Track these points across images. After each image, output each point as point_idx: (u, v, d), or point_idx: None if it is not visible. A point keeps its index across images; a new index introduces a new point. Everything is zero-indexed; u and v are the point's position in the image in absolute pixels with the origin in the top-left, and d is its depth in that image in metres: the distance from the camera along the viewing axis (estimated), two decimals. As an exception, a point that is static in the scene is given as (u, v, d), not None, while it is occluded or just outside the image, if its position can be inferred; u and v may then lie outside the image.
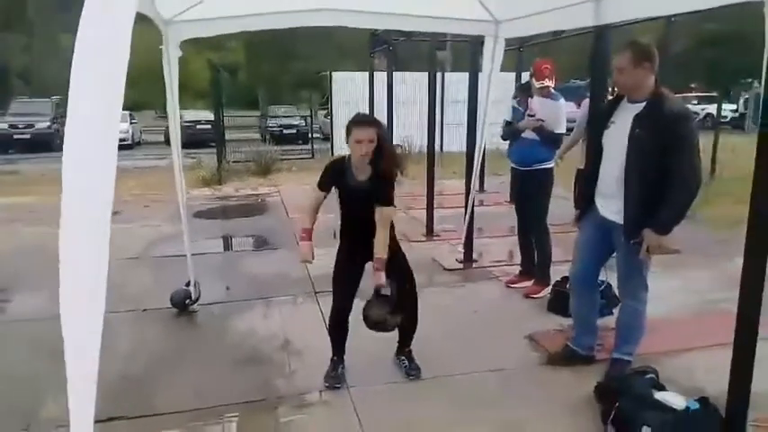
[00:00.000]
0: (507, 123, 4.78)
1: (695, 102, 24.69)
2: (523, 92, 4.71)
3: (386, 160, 3.03)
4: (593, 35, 3.66)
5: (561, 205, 4.96)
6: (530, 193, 4.72)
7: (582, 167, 5.13)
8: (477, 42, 5.12)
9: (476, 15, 4.51)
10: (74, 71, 1.63)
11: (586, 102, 5.12)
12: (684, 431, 2.53)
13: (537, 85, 4.52)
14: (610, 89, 4.31)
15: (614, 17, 3.41)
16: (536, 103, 4.53)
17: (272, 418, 2.97)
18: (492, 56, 4.84)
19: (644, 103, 2.95)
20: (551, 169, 4.66)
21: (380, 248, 3.00)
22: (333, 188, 3.15)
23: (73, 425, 1.67)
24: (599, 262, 3.39)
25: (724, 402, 2.64)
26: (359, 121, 3.02)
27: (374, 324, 3.03)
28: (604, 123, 3.19)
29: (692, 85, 28.57)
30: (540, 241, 4.75)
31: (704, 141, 10.66)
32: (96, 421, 1.69)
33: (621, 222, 3.04)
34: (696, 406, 2.62)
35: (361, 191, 3.04)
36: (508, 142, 4.84)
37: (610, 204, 3.13)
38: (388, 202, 3.04)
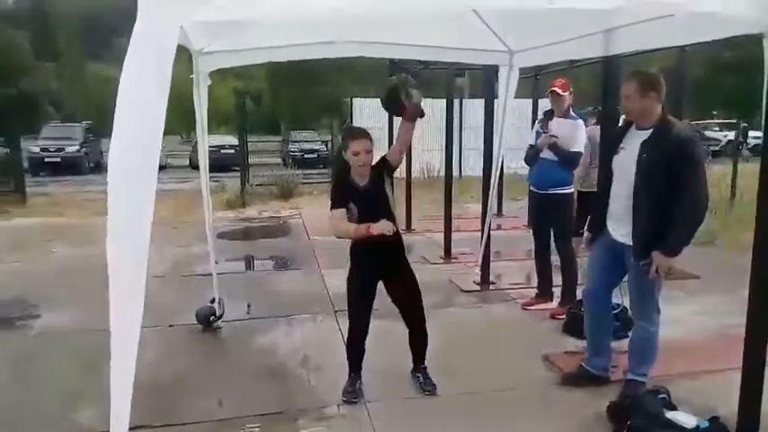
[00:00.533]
0: (531, 147, 4.93)
1: (716, 128, 24.55)
2: (547, 116, 4.85)
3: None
4: (603, 64, 3.80)
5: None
6: (548, 217, 4.82)
7: (580, 189, 5.28)
8: (492, 70, 5.29)
9: (491, 46, 4.68)
10: (119, 99, 1.81)
11: (590, 128, 5.27)
12: (694, 448, 2.59)
13: (549, 92, 4.68)
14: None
15: (622, 48, 3.55)
16: (554, 123, 4.68)
17: (292, 429, 3.08)
18: (507, 84, 5.00)
19: (651, 130, 3.07)
20: (570, 194, 4.75)
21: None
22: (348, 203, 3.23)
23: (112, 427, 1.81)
24: (611, 283, 3.47)
25: (735, 423, 2.70)
26: (354, 135, 3.22)
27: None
28: (614, 149, 3.31)
29: (714, 113, 28.45)
30: (565, 263, 4.82)
31: (725, 167, 10.69)
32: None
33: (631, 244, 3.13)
34: (706, 425, 2.68)
35: (368, 193, 3.21)
36: (529, 167, 4.96)
37: (620, 227, 3.23)
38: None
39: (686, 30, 2.99)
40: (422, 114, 3.27)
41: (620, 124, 3.70)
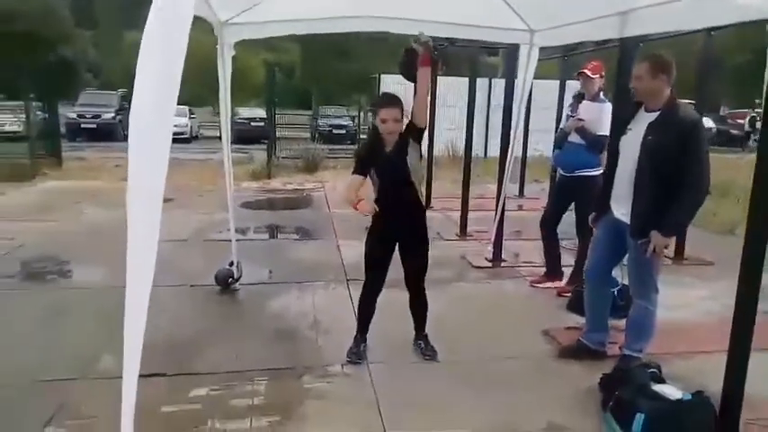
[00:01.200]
0: (560, 130, 4.97)
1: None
2: (577, 100, 4.87)
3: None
4: (619, 47, 3.82)
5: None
6: (572, 198, 4.85)
7: None
8: (514, 50, 5.31)
9: (512, 25, 4.72)
10: (138, 68, 1.95)
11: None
12: (675, 418, 2.69)
13: (578, 74, 4.71)
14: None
15: (635, 31, 3.57)
16: (583, 106, 4.71)
17: (298, 384, 3.28)
18: (526, 63, 5.04)
19: (658, 113, 3.12)
20: (596, 176, 4.68)
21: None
22: (369, 170, 3.36)
23: (125, 373, 1.99)
24: (612, 260, 3.55)
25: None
26: (384, 102, 3.30)
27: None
28: (622, 130, 3.37)
29: (757, 101, 27.54)
30: (583, 244, 4.86)
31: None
32: (141, 375, 2.01)
33: (632, 223, 3.21)
34: (689, 397, 2.77)
35: (389, 161, 3.31)
36: (555, 150, 5.00)
37: (622, 207, 3.30)
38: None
39: (694, 15, 3.02)
40: (434, 57, 3.32)
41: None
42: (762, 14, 2.51)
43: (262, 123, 18.42)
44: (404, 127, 3.30)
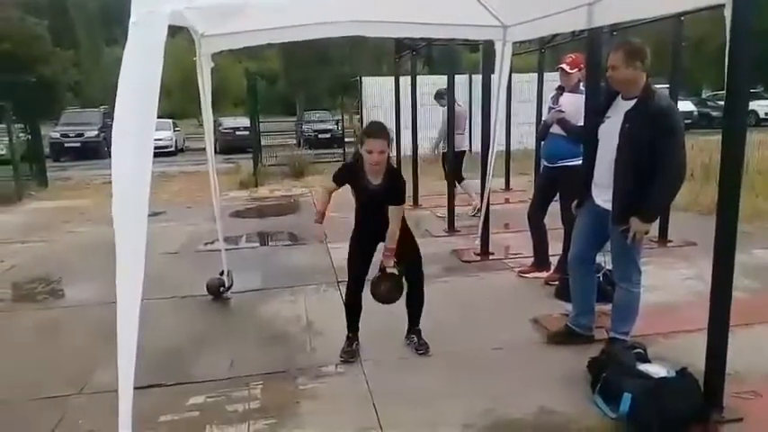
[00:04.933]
0: (543, 122, 5.03)
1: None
2: (559, 92, 4.92)
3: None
4: (588, 37, 3.90)
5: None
6: (556, 188, 4.91)
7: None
8: (491, 45, 5.38)
9: (485, 21, 4.80)
10: (120, 83, 2.01)
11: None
12: (661, 396, 2.76)
13: (557, 68, 4.77)
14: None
15: (603, 20, 3.66)
16: (564, 97, 4.76)
17: (293, 385, 3.33)
18: (501, 58, 5.11)
19: (635, 100, 3.18)
20: (579, 166, 4.79)
21: (391, 241, 3.39)
22: (346, 184, 3.46)
23: (120, 388, 2.05)
24: (594, 246, 3.64)
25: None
26: (370, 132, 3.29)
27: (380, 297, 3.48)
28: (599, 118, 3.44)
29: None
30: (569, 233, 4.91)
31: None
32: (137, 387, 2.06)
33: (611, 210, 3.29)
34: (673, 375, 2.85)
35: (375, 193, 3.37)
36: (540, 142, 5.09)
37: (602, 194, 3.38)
38: (401, 202, 3.39)
39: (655, 2, 3.10)
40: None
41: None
42: (715, 0, 2.60)
43: (247, 132, 18.43)
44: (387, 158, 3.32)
